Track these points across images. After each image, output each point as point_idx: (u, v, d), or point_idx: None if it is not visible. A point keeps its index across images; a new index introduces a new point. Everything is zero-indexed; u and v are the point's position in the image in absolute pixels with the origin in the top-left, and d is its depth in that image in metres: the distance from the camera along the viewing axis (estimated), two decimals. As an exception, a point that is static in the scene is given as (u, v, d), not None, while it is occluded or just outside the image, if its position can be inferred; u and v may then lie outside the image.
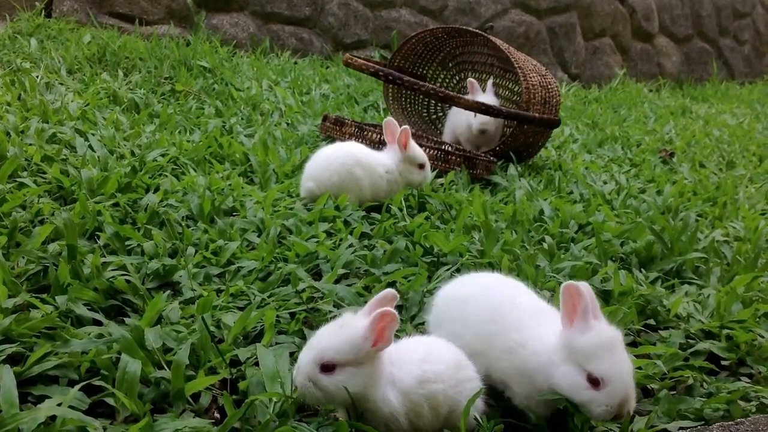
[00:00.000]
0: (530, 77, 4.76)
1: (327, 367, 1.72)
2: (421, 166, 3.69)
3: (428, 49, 5.57)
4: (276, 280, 2.56)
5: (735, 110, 9.39)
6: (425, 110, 5.86)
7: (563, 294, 1.82)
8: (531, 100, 4.70)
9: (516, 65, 4.76)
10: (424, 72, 5.65)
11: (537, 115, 4.64)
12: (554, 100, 4.87)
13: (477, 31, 5.25)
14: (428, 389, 1.77)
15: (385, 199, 3.56)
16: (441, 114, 5.87)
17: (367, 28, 8.61)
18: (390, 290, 1.81)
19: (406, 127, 3.61)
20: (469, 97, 4.78)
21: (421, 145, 3.86)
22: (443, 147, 4.53)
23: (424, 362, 1.80)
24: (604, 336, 1.79)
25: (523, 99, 4.74)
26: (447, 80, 5.78)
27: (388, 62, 5.50)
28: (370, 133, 4.41)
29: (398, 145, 3.60)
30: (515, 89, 5.37)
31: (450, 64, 5.74)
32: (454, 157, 4.35)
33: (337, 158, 3.48)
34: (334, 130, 4.63)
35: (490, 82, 5.03)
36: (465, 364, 1.88)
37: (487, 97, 4.86)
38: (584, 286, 1.82)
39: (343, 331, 1.74)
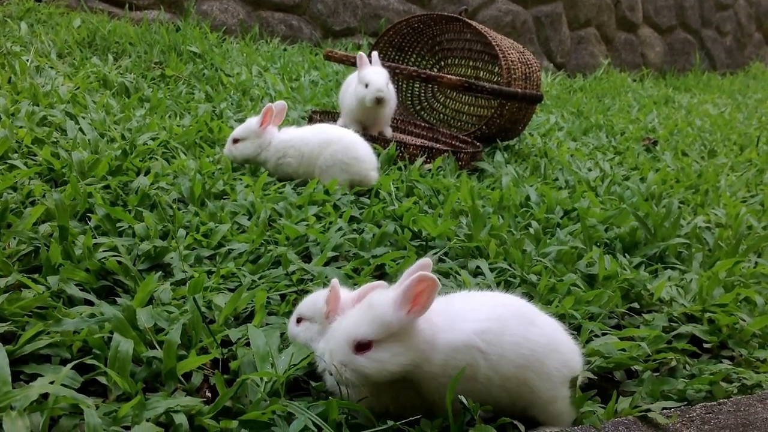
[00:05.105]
0: (509, 54, 4.78)
1: None
2: None
3: (406, 40, 5.58)
4: (266, 263, 2.58)
5: (717, 100, 9.48)
6: (409, 101, 5.88)
7: None
8: (512, 76, 4.72)
9: (494, 43, 4.78)
10: (406, 64, 5.67)
11: (519, 90, 4.65)
12: (535, 75, 4.88)
13: (451, 15, 5.25)
14: None
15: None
16: (426, 104, 5.88)
17: (355, 16, 8.60)
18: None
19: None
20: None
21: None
22: (428, 142, 4.54)
23: None
24: None
25: (503, 76, 4.74)
26: (429, 67, 5.80)
27: (368, 54, 5.51)
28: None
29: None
30: (497, 71, 5.37)
31: (435, 49, 5.75)
32: (437, 152, 4.37)
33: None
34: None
35: (374, 54, 4.59)
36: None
37: (376, 69, 4.42)
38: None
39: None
